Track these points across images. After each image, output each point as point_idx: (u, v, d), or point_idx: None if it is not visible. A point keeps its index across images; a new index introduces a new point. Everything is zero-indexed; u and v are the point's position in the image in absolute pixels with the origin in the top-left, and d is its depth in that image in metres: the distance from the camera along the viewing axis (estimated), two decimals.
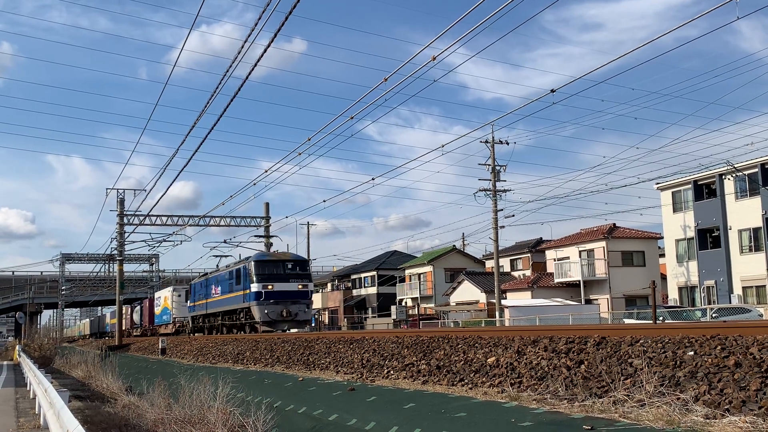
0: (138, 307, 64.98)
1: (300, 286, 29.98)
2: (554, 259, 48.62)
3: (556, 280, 46.41)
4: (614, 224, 47.47)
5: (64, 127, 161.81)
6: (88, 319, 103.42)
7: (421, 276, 59.40)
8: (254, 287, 29.43)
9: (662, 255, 47.06)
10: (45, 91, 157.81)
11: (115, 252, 47.53)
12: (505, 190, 42.18)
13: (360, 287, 68.19)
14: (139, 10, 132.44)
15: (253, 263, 30.19)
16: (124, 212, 45.30)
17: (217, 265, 40.36)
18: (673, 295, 42.27)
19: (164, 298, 52.60)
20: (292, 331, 28.32)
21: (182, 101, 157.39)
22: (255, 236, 45.27)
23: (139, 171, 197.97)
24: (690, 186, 41.15)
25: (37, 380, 15.74)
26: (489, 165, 41.89)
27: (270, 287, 29.19)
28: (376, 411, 9.44)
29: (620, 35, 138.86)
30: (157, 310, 54.90)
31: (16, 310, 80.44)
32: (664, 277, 44.29)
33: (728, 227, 38.84)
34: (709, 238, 40.67)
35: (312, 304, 32.01)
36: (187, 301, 45.88)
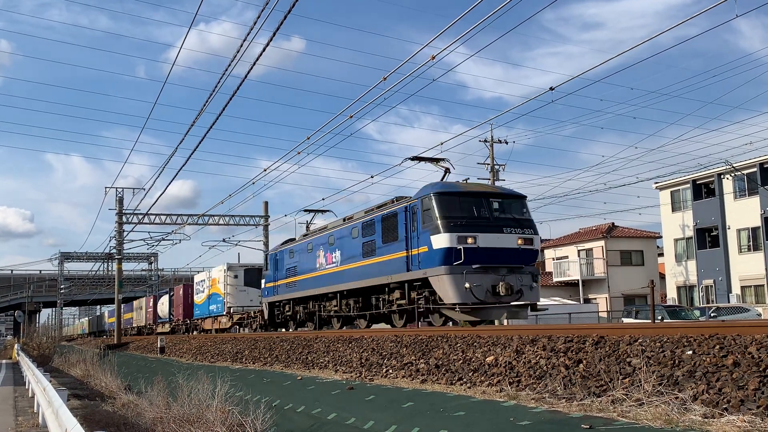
0: (165, 297, 51.09)
1: (520, 241, 16.53)
2: (553, 258, 48.66)
3: (555, 279, 46.46)
4: (613, 223, 47.54)
5: (63, 126, 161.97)
6: (86, 318, 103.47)
7: None
8: (438, 240, 16.06)
9: (661, 254, 47.13)
10: (45, 90, 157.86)
11: (114, 251, 47.50)
12: None
13: None
14: (139, 8, 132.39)
15: (433, 198, 16.51)
16: (123, 211, 45.28)
17: (307, 226, 27.42)
18: (671, 294, 42.34)
19: (212, 281, 38.50)
20: (505, 322, 18.21)
21: (181, 100, 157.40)
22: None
23: (138, 170, 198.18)
24: (689, 185, 41.20)
25: (35, 379, 15.74)
26: (488, 164, 41.90)
27: (471, 241, 15.92)
28: (374, 410, 9.45)
29: (620, 34, 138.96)
30: (199, 299, 41.56)
31: (14, 309, 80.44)
32: (662, 277, 44.35)
33: (727, 227, 38.89)
34: (708, 238, 40.73)
35: (540, 275, 18.67)
36: (247, 285, 35.20)
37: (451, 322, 16.88)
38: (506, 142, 42.68)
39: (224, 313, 35.96)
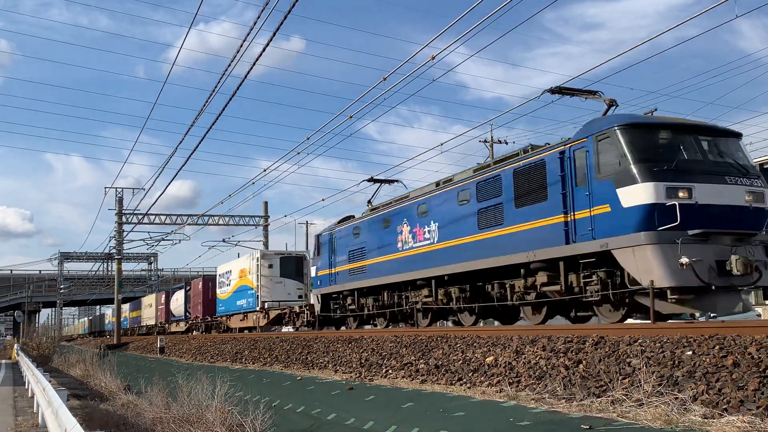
0: (180, 293, 45.82)
1: (749, 197, 11.64)
2: None
3: None
4: None
5: (63, 126, 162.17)
6: (86, 318, 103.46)
7: None
8: (632, 194, 11.35)
9: None
10: (45, 90, 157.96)
11: (114, 251, 47.48)
12: None
13: None
14: (140, 8, 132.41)
15: (619, 133, 11.74)
16: (123, 211, 45.27)
17: (369, 201, 21.98)
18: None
19: (241, 271, 33.30)
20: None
21: (181, 100, 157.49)
22: None
23: (138, 170, 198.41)
24: None
25: (35, 379, 15.74)
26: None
27: (684, 194, 11.19)
28: (374, 410, 9.45)
29: (621, 34, 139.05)
30: (223, 293, 36.20)
31: (14, 309, 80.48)
32: None
33: None
34: None
35: None
36: (284, 276, 30.57)
37: (634, 315, 12.58)
38: (506, 143, 42.71)
39: (257, 308, 30.46)
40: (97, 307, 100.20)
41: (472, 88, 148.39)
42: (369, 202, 22.04)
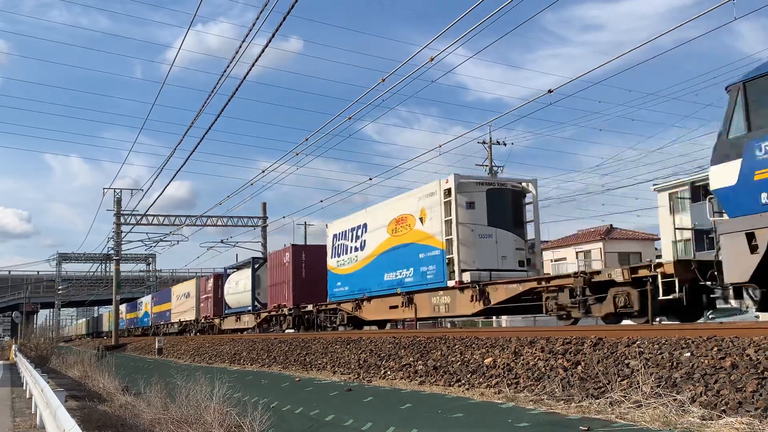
0: (241, 274, 32.50)
1: None
2: (551, 260, 48.66)
3: None
4: (611, 225, 47.55)
5: (62, 126, 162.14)
6: (84, 319, 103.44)
7: None
8: None
9: (659, 256, 47.17)
10: (44, 90, 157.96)
11: (112, 252, 47.45)
12: None
13: None
14: (140, 8, 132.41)
15: None
16: (121, 212, 45.24)
17: None
18: None
19: (399, 220, 18.50)
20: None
21: (180, 101, 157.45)
22: None
23: (137, 170, 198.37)
24: (687, 188, 41.21)
25: (33, 380, 15.72)
26: (486, 166, 41.98)
27: None
28: (373, 411, 9.45)
29: (621, 36, 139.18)
30: (345, 264, 21.85)
31: (12, 310, 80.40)
32: None
33: None
34: (706, 240, 40.73)
35: None
36: (495, 225, 16.52)
37: None
38: (504, 144, 42.78)
39: (448, 284, 16.31)
40: (95, 307, 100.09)
41: (471, 89, 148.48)
42: None
